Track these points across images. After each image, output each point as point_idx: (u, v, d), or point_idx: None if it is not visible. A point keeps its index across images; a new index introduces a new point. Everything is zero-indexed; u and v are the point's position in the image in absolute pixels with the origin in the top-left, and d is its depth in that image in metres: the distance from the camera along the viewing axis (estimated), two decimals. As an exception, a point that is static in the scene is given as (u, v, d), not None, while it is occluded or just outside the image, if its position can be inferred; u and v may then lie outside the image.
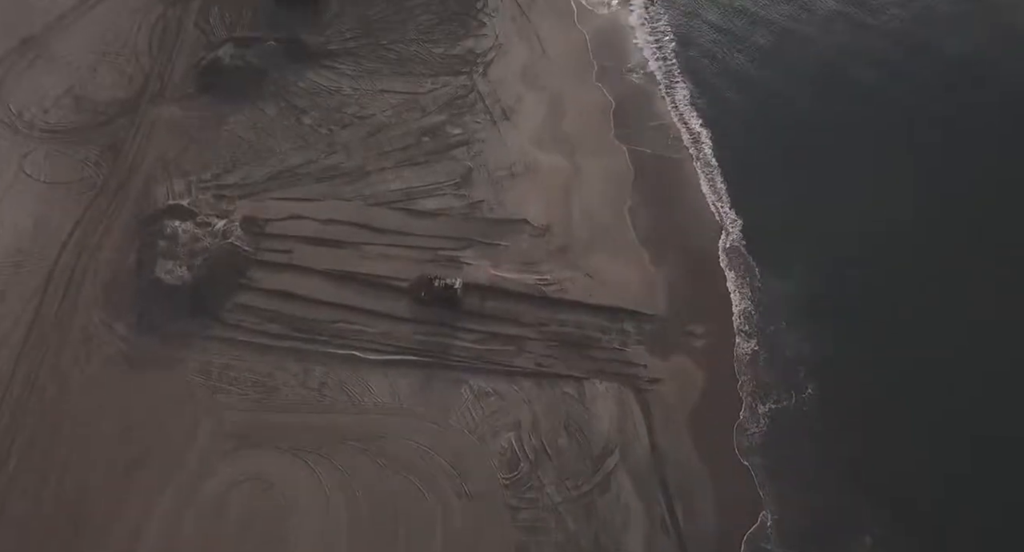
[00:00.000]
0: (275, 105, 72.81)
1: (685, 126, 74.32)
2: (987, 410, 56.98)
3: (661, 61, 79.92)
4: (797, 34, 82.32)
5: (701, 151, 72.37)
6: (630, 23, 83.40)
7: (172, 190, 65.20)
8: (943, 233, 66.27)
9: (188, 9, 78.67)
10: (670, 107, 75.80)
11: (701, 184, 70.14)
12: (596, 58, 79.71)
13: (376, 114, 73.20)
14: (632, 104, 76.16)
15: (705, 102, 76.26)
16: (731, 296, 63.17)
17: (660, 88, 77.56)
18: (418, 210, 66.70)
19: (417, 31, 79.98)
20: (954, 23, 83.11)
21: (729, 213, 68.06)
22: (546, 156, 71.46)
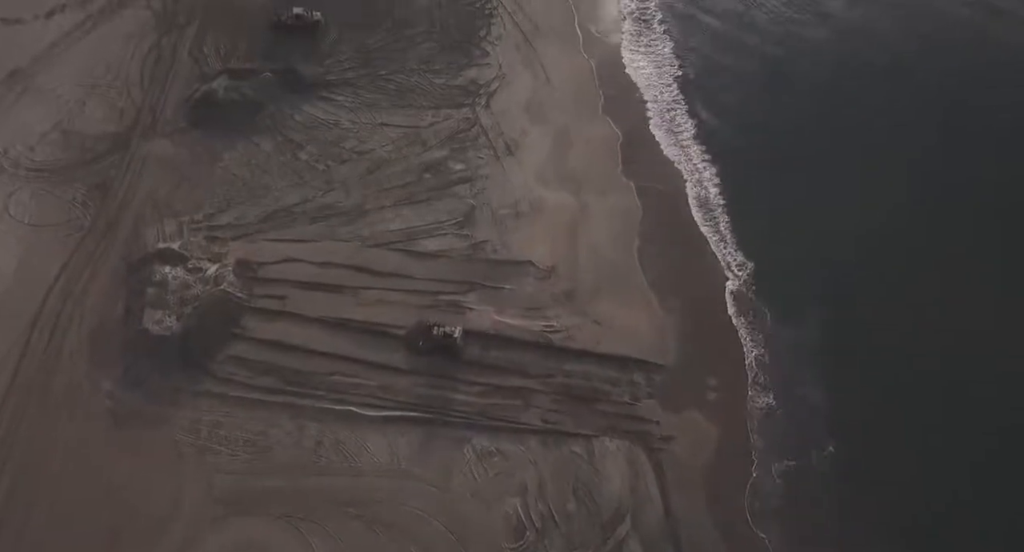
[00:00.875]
0: (271, 139, 68.96)
1: (693, 162, 70.45)
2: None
3: (669, 91, 75.90)
4: (804, 67, 78.64)
5: (708, 189, 68.52)
6: (637, 51, 79.62)
7: (163, 232, 61.30)
8: (966, 275, 62.81)
9: (182, 38, 74.83)
10: (679, 141, 71.86)
11: (709, 224, 66.40)
12: (602, 88, 75.80)
13: (375, 149, 69.38)
14: (640, 137, 72.22)
15: (713, 136, 72.40)
16: (742, 344, 59.45)
17: (669, 120, 73.64)
18: (418, 251, 62.82)
19: (418, 60, 76.19)
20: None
21: (737, 255, 64.19)
22: (551, 193, 67.58)
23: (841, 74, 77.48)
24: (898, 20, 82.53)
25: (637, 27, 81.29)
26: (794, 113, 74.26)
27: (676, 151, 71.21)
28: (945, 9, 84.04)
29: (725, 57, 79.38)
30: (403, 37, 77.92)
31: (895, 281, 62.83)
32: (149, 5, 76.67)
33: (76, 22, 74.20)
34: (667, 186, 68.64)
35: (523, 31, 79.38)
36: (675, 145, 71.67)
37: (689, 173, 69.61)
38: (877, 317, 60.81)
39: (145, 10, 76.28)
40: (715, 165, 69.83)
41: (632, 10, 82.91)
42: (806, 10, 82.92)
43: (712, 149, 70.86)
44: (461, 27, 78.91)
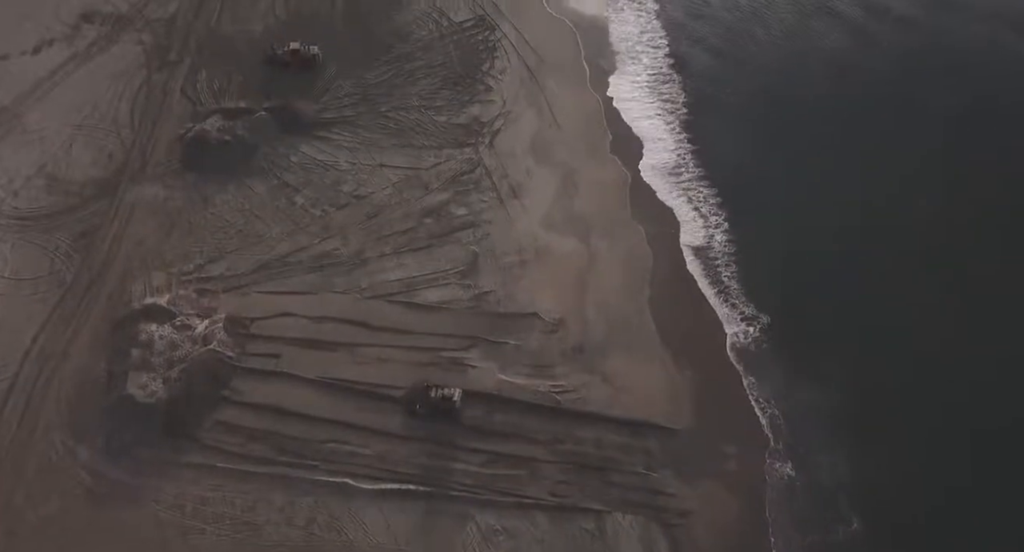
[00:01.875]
0: (265, 183, 64.64)
1: (704, 206, 65.83)
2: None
3: (679, 129, 71.26)
4: (818, 105, 73.76)
5: (720, 235, 63.91)
6: (646, 86, 75.35)
7: (150, 285, 56.93)
8: (996, 332, 58.38)
9: (174, 75, 70.53)
10: (690, 183, 67.53)
11: (722, 274, 61.75)
12: (611, 126, 71.30)
13: (375, 192, 65.02)
14: (651, 178, 68.02)
15: (724, 176, 67.72)
16: (758, 405, 55.12)
17: (679, 160, 69.26)
18: (419, 304, 58.40)
19: (419, 97, 71.79)
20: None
21: (751, 307, 59.56)
22: (558, 239, 63.10)
23: (858, 117, 72.74)
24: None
25: (647, 61, 77.17)
26: (807, 154, 69.51)
27: (688, 194, 66.90)
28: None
29: (735, 92, 74.97)
30: (403, 71, 73.62)
31: (914, 334, 58.10)
32: (140, 40, 72.47)
33: (64, 58, 69.99)
34: (679, 231, 64.44)
35: (528, 65, 75.01)
36: (687, 187, 67.33)
37: (701, 218, 65.07)
38: (899, 374, 56.23)
39: (136, 45, 72.05)
40: (727, 210, 65.29)
41: (642, 43, 78.72)
42: (817, 51, 78.46)
43: (726, 193, 66.26)
44: (464, 60, 74.59)
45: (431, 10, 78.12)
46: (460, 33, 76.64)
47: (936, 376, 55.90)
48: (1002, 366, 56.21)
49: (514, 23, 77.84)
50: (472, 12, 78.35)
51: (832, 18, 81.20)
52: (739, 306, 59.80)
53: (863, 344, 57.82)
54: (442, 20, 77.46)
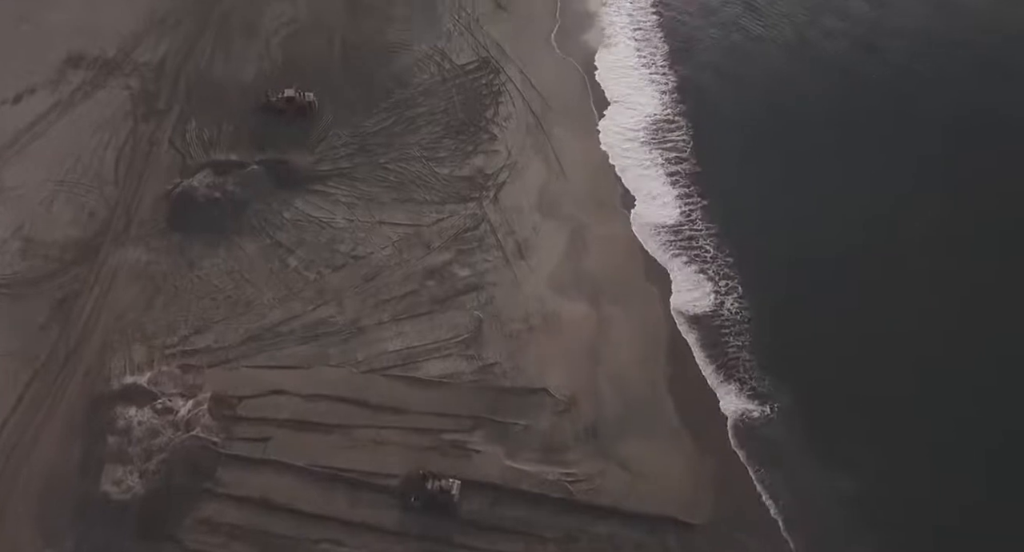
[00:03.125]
0: (257, 243, 59.16)
1: (722, 269, 59.99)
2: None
3: (686, 181, 65.50)
4: (831, 151, 67.92)
5: (737, 303, 58.11)
6: (655, 134, 69.68)
7: (131, 361, 51.51)
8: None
9: (162, 125, 65.06)
10: (707, 240, 61.98)
11: (740, 348, 55.96)
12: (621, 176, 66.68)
13: (373, 252, 59.62)
14: (663, 236, 62.59)
15: (744, 239, 61.73)
16: (779, 496, 49.51)
17: (690, 218, 63.18)
18: (419, 378, 52.95)
19: (420, 146, 66.40)
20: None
21: (769, 383, 53.98)
22: (568, 303, 57.73)
23: (880, 181, 66.55)
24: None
25: (658, 106, 71.66)
26: (822, 205, 63.84)
27: (705, 253, 61.58)
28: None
29: (747, 139, 69.03)
30: (404, 118, 68.27)
31: (934, 413, 52.80)
32: (127, 85, 67.08)
33: (46, 107, 64.46)
34: (695, 296, 59.13)
35: (533, 111, 69.61)
36: (703, 245, 62.00)
37: (718, 282, 59.69)
38: (924, 463, 50.90)
39: (123, 91, 66.65)
40: (745, 274, 59.55)
41: (653, 86, 73.25)
42: (826, 99, 72.23)
43: (744, 255, 60.57)
44: (466, 106, 69.16)
45: (433, 52, 72.81)
46: (463, 76, 71.30)
47: (966, 464, 50.58)
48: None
49: (519, 65, 72.42)
50: (475, 54, 73.03)
51: (838, 70, 74.97)
52: (758, 383, 54.29)
53: (894, 423, 52.56)
54: (444, 63, 72.15)
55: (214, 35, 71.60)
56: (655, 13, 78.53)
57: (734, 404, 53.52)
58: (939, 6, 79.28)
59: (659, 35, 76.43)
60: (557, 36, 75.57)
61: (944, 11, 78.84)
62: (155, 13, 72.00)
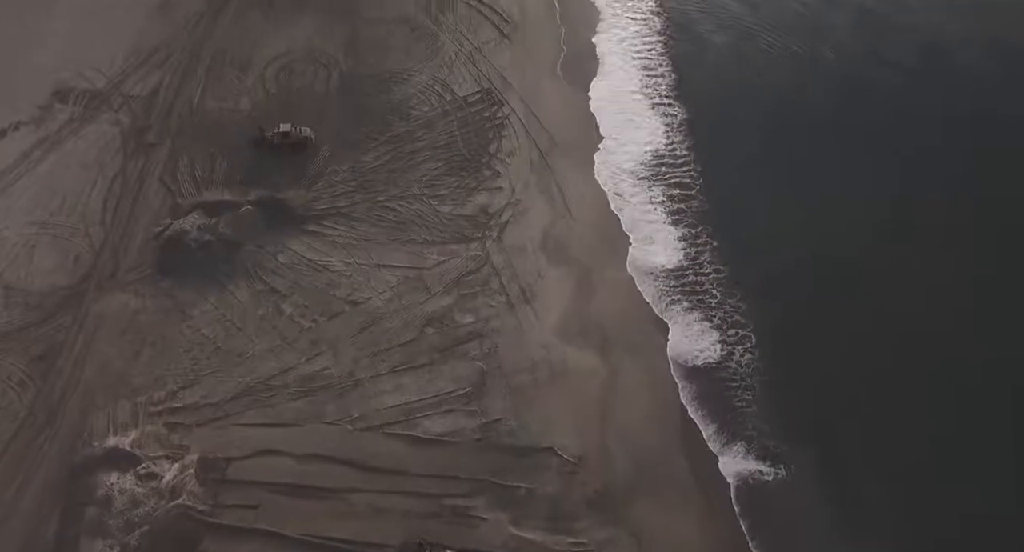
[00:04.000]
0: (249, 288, 55.55)
1: (735, 318, 56.04)
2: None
3: (696, 224, 61.28)
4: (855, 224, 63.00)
5: (752, 354, 54.22)
6: (662, 169, 65.57)
7: (114, 419, 47.82)
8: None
9: (152, 162, 61.37)
10: (720, 285, 58.18)
11: (748, 402, 52.15)
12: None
13: (371, 298, 56.02)
14: (661, 280, 58.60)
15: (748, 281, 57.85)
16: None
17: (696, 260, 59.28)
18: (419, 437, 49.34)
19: (421, 184, 62.78)
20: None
21: (776, 444, 50.20)
22: (575, 353, 54.08)
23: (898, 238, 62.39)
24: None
25: (666, 140, 67.99)
26: (838, 257, 59.53)
27: (718, 299, 57.82)
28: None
29: (757, 175, 65.11)
30: (404, 153, 64.69)
31: (955, 482, 48.89)
32: (117, 120, 63.41)
33: (31, 144, 60.80)
34: (707, 346, 55.38)
35: (538, 146, 65.97)
36: (716, 291, 58.27)
37: (725, 331, 55.61)
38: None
39: (112, 126, 62.98)
40: (752, 321, 55.61)
41: (662, 119, 69.29)
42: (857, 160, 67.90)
43: (752, 301, 56.60)
44: (469, 140, 65.56)
45: (433, 82, 69.23)
46: (465, 109, 67.69)
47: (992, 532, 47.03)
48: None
49: (523, 97, 68.78)
50: (478, 85, 69.44)
51: (853, 93, 71.51)
52: (776, 440, 50.71)
53: (919, 495, 48.70)
54: (445, 94, 68.58)
55: (207, 67, 67.91)
56: (663, 41, 74.80)
57: (736, 467, 49.66)
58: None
59: (668, 64, 72.52)
60: (563, 66, 72.09)
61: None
62: (146, 44, 68.36)
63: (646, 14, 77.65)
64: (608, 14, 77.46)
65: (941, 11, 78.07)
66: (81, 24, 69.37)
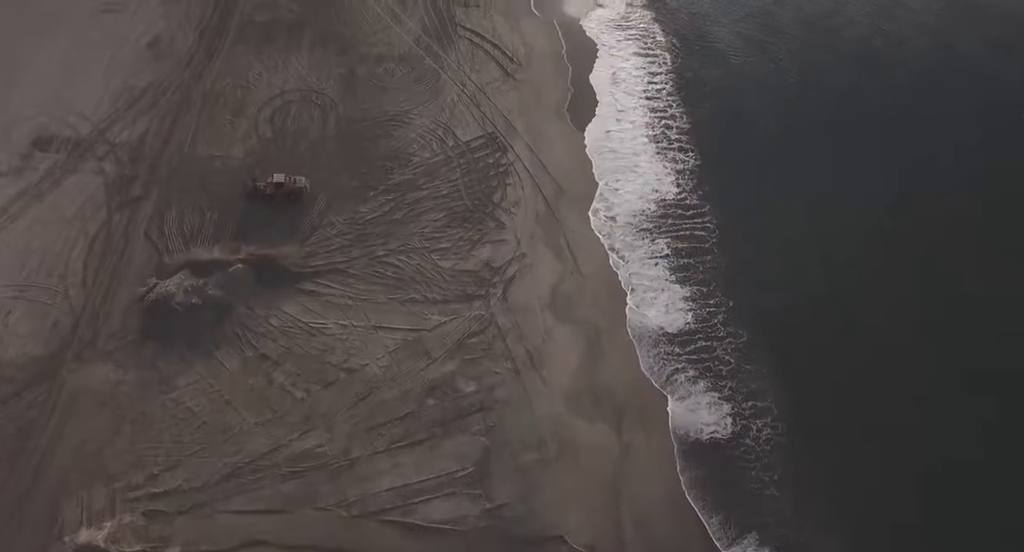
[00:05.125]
0: (239, 355, 50.89)
1: (753, 382, 51.56)
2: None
3: (709, 282, 56.63)
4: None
5: (773, 426, 49.76)
6: (671, 219, 60.60)
7: (89, 508, 43.21)
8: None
9: (138, 214, 56.68)
10: (729, 355, 53.03)
11: (779, 487, 47.62)
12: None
13: (368, 364, 51.32)
14: (681, 345, 53.91)
15: (773, 345, 53.31)
16: None
17: (713, 320, 54.58)
18: (418, 524, 44.79)
19: (421, 236, 58.04)
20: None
21: (811, 534, 45.89)
22: (586, 426, 49.35)
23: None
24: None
25: (678, 188, 63.06)
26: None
27: (731, 367, 52.81)
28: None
29: (770, 227, 60.33)
30: (404, 203, 60.01)
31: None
32: (101, 169, 58.58)
33: (9, 198, 55.94)
34: (716, 420, 50.53)
35: (544, 194, 61.38)
36: (730, 357, 53.35)
37: (746, 403, 50.95)
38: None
39: (96, 176, 58.18)
40: (784, 391, 51.18)
41: (674, 164, 64.29)
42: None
43: (784, 370, 52.01)
44: (472, 189, 60.86)
45: (435, 126, 64.55)
46: (468, 155, 63.01)
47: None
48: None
49: (528, 141, 64.19)
50: (481, 129, 64.73)
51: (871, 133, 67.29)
52: (801, 532, 46.09)
53: None
54: (447, 139, 63.93)
55: (198, 110, 63.19)
56: (676, 80, 69.99)
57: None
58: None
59: (678, 105, 67.82)
60: (570, 108, 67.43)
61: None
62: (134, 86, 63.74)
63: (654, 50, 72.84)
64: (616, 53, 72.39)
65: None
66: (65, 65, 64.49)
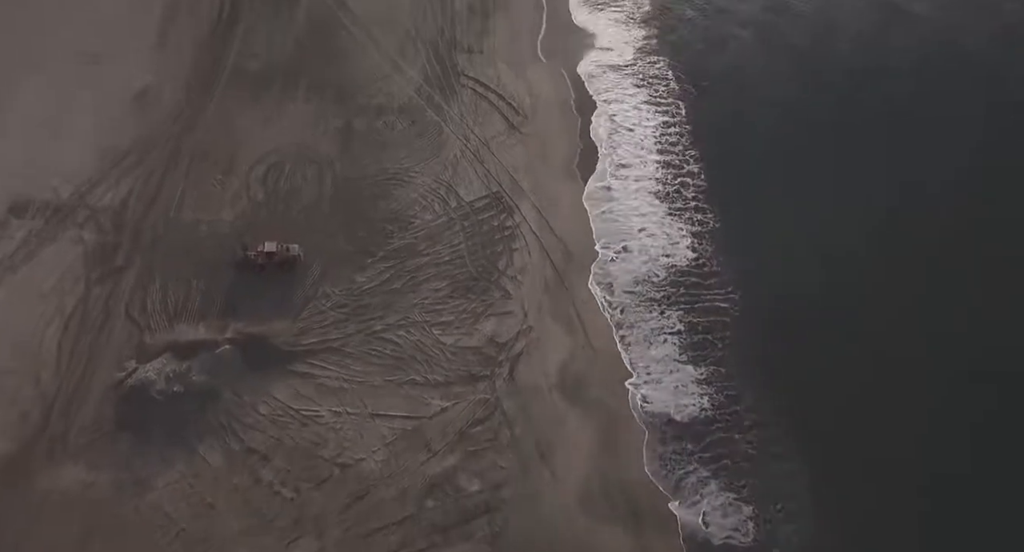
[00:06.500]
0: (223, 449, 45.30)
1: (778, 480, 45.88)
2: None
3: (724, 372, 50.67)
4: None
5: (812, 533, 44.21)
6: (687, 289, 54.98)
7: (52, 637, 38.60)
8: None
9: (119, 287, 51.15)
10: (752, 446, 47.47)
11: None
12: (657, 344, 52.99)
13: (364, 458, 45.75)
14: (694, 437, 48.28)
15: (803, 434, 47.54)
16: None
17: (732, 407, 49.06)
18: None
19: (422, 309, 52.59)
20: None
21: None
22: (602, 530, 43.62)
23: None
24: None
25: (694, 254, 57.34)
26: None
27: (751, 464, 47.40)
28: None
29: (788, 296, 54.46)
30: (404, 271, 54.58)
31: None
32: (81, 238, 53.04)
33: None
34: (737, 523, 44.91)
35: (552, 260, 55.93)
36: (752, 448, 48.00)
37: (773, 506, 45.34)
38: None
39: (75, 245, 52.69)
40: (816, 490, 45.58)
41: (691, 227, 58.44)
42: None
43: (814, 465, 46.37)
44: (476, 255, 55.30)
45: (437, 185, 59.06)
46: (471, 216, 57.50)
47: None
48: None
49: (535, 201, 58.72)
50: (486, 188, 59.28)
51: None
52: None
53: None
54: (450, 199, 58.47)
55: (186, 169, 57.71)
56: (691, 132, 64.13)
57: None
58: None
59: (697, 162, 61.82)
60: (580, 163, 62.06)
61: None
62: (118, 145, 57.93)
63: (668, 98, 67.20)
64: (626, 102, 66.83)
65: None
66: (46, 120, 58.92)
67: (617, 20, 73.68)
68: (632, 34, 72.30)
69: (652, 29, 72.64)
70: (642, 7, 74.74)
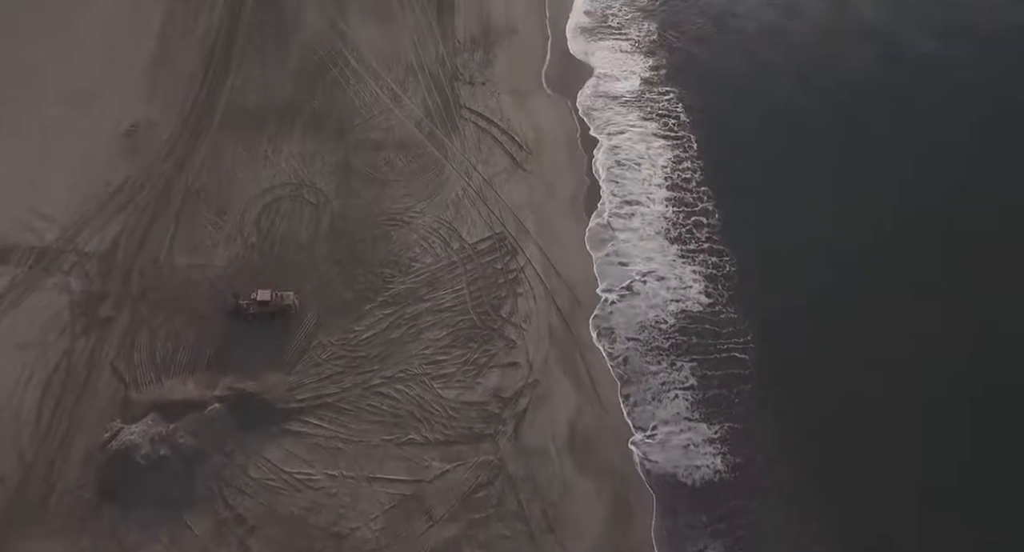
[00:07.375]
0: (211, 517, 42.10)
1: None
2: None
3: (744, 421, 47.62)
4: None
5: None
6: (700, 336, 51.53)
7: None
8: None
9: (105, 339, 47.88)
10: (773, 512, 44.41)
11: None
12: (669, 397, 49.63)
13: (359, 527, 42.48)
14: (708, 506, 45.02)
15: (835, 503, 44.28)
16: None
17: (746, 469, 45.96)
18: None
19: (422, 359, 49.31)
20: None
21: None
22: (610, 609, 41.40)
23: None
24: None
25: (707, 297, 54.06)
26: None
27: (780, 526, 44.44)
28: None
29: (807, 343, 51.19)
30: (403, 319, 51.31)
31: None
32: (67, 286, 49.85)
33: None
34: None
35: (558, 306, 52.62)
36: (774, 513, 44.80)
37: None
38: None
39: (60, 294, 49.47)
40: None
41: (705, 268, 55.16)
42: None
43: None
44: (479, 301, 51.89)
45: (439, 226, 55.69)
46: (474, 259, 54.14)
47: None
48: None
49: (540, 243, 55.28)
50: (489, 228, 55.87)
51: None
52: None
53: None
54: (452, 241, 55.10)
55: (177, 209, 54.54)
56: (703, 168, 60.22)
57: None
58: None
59: (710, 200, 58.05)
60: (586, 202, 58.60)
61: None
62: (108, 184, 54.77)
63: (678, 131, 63.54)
64: (635, 135, 63.17)
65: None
66: (33, 157, 55.71)
67: (623, 49, 69.94)
68: (640, 63, 68.68)
69: (660, 58, 68.95)
70: (649, 36, 71.37)
